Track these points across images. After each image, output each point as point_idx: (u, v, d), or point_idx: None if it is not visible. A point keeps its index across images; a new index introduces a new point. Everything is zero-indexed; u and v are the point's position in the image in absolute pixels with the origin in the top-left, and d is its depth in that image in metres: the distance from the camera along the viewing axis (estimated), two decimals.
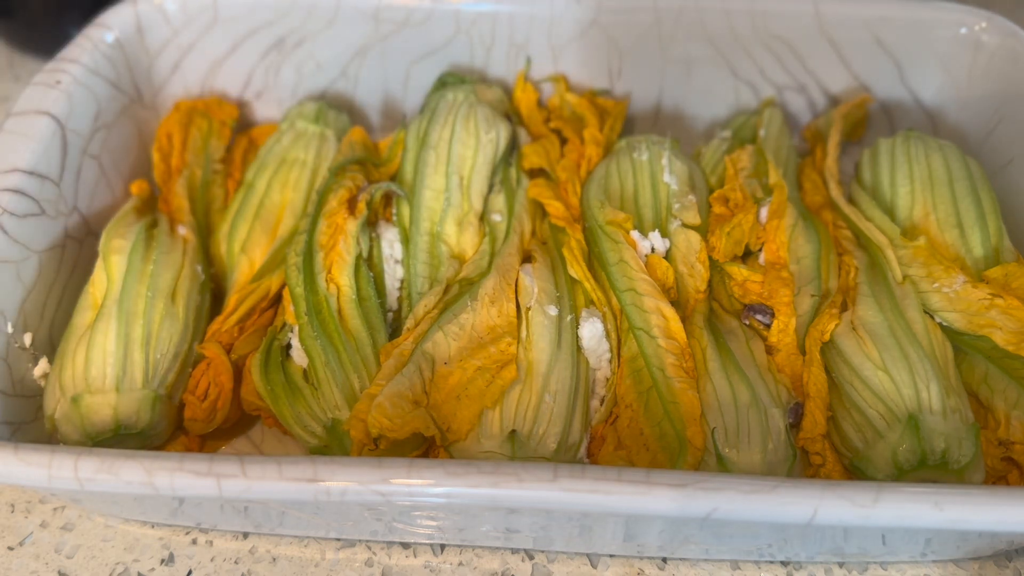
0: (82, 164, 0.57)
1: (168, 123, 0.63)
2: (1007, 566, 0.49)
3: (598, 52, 0.66)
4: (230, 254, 0.57)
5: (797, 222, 0.56)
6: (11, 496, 0.51)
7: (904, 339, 0.49)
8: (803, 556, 0.48)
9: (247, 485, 0.38)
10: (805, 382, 0.49)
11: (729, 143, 0.63)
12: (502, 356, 0.49)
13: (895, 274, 0.53)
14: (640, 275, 0.51)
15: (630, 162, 0.59)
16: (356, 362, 0.49)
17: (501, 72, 0.67)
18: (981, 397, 0.50)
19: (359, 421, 0.45)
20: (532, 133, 0.65)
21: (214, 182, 0.62)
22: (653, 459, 0.46)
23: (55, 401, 0.49)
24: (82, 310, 0.52)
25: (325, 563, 0.49)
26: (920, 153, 0.58)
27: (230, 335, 0.53)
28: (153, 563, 0.49)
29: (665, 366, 0.48)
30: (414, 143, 0.60)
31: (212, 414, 0.50)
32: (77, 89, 0.57)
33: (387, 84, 0.69)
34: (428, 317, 0.51)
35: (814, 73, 0.66)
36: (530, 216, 0.59)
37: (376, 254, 0.56)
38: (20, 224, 0.50)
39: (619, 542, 0.47)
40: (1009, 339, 0.48)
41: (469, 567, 0.48)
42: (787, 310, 0.51)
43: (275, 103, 0.69)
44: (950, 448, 0.45)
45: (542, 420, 0.47)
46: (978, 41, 0.62)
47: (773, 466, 0.45)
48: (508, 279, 0.52)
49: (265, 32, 0.65)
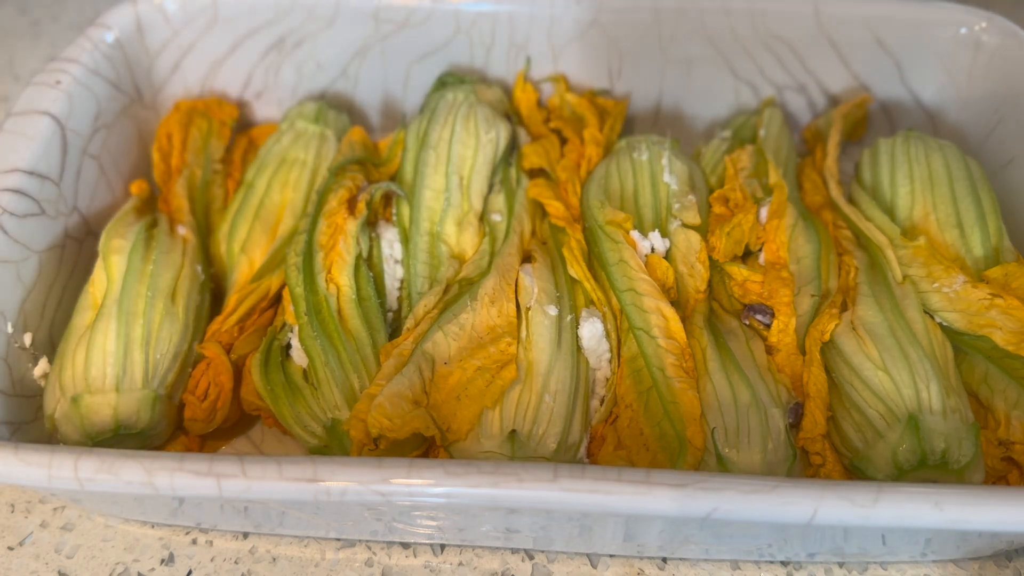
0: (82, 164, 0.57)
1: (168, 123, 0.63)
2: (1007, 566, 0.49)
3: (598, 52, 0.66)
4: (230, 254, 0.57)
5: (797, 222, 0.56)
6: (11, 496, 0.51)
7: (904, 339, 0.49)
8: (803, 556, 0.48)
9: (247, 485, 0.38)
10: (805, 382, 0.49)
11: (729, 143, 0.63)
12: (502, 356, 0.49)
13: (895, 274, 0.53)
14: (640, 275, 0.51)
15: (630, 162, 0.59)
16: (356, 362, 0.49)
17: (501, 72, 0.67)
18: (981, 397, 0.50)
19: (359, 421, 0.45)
20: (532, 133, 0.65)
21: (214, 182, 0.62)
22: (653, 459, 0.46)
23: (55, 401, 0.49)
24: (82, 310, 0.52)
25: (325, 563, 0.49)
26: (920, 153, 0.58)
27: (230, 335, 0.53)
28: (153, 563, 0.49)
29: (665, 366, 0.48)
30: (414, 143, 0.60)
31: (212, 414, 0.50)
32: (77, 89, 0.57)
33: (387, 84, 0.69)
34: (428, 317, 0.51)
35: (814, 73, 0.66)
36: (530, 216, 0.59)
37: (376, 254, 0.56)
38: (20, 224, 0.51)
39: (619, 542, 0.47)
40: (1009, 339, 0.48)
41: (469, 567, 0.48)
42: (787, 310, 0.51)
43: (275, 103, 0.69)
44: (950, 448, 0.45)
45: (542, 420, 0.47)
46: (978, 41, 0.62)
47: (773, 466, 0.45)
48: (508, 279, 0.52)
49: (265, 32, 0.65)
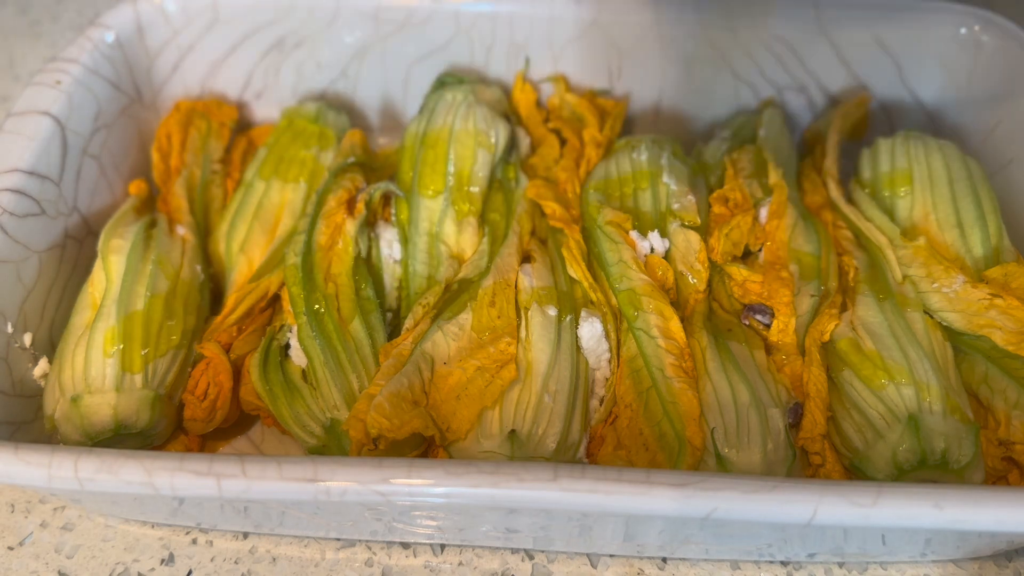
0: (82, 164, 0.57)
1: (168, 123, 0.63)
2: (1007, 566, 0.49)
3: (598, 52, 0.66)
4: (229, 254, 0.57)
5: (797, 222, 0.56)
6: (11, 496, 0.51)
7: (904, 339, 0.49)
8: (803, 556, 0.48)
9: (247, 485, 0.38)
10: (805, 382, 0.49)
11: (729, 143, 0.63)
12: (501, 356, 0.48)
13: (895, 274, 0.53)
14: (639, 275, 0.51)
15: (630, 162, 0.59)
16: (355, 362, 0.49)
17: (501, 72, 0.67)
18: (981, 397, 0.50)
19: (358, 421, 0.45)
20: (531, 133, 0.65)
21: (213, 182, 0.62)
22: (653, 459, 0.46)
23: (55, 401, 0.49)
24: (81, 310, 0.52)
25: (325, 563, 0.49)
26: (920, 153, 0.58)
27: (229, 335, 0.53)
28: (153, 563, 0.49)
29: (664, 366, 0.48)
30: (412, 143, 0.60)
31: (212, 414, 0.50)
32: (77, 89, 0.57)
33: (387, 84, 0.69)
34: (427, 317, 0.51)
35: (814, 73, 0.66)
36: (529, 216, 0.58)
37: (375, 254, 0.56)
38: (20, 224, 0.51)
39: (619, 542, 0.47)
40: (1009, 339, 0.48)
41: (469, 567, 0.48)
42: (787, 310, 0.51)
43: (275, 103, 0.69)
44: (950, 448, 0.45)
45: (541, 420, 0.47)
46: (978, 41, 0.62)
47: (773, 466, 0.45)
48: (507, 279, 0.52)
49: (265, 32, 0.65)
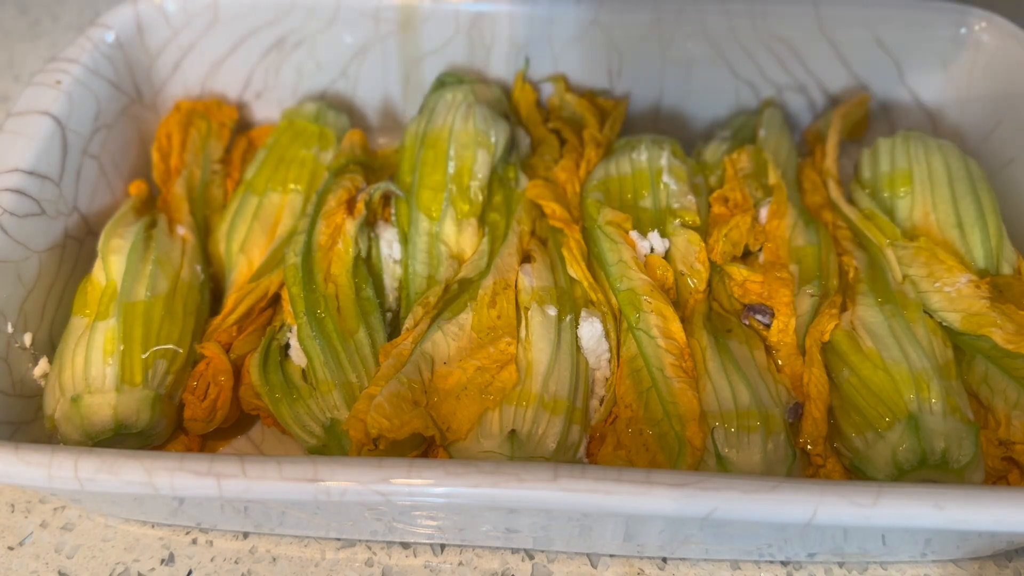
0: (82, 164, 0.57)
1: (168, 123, 0.63)
2: (1007, 566, 0.49)
3: (598, 52, 0.66)
4: (229, 254, 0.57)
5: (797, 222, 0.56)
6: (11, 496, 0.51)
7: (904, 339, 0.49)
8: (803, 556, 0.48)
9: (247, 485, 0.38)
10: (805, 382, 0.49)
11: (729, 143, 0.63)
12: (501, 356, 0.48)
13: (895, 274, 0.53)
14: (639, 275, 0.51)
15: (629, 162, 0.59)
16: (355, 362, 0.49)
17: (501, 72, 0.67)
18: (981, 397, 0.50)
19: (358, 421, 0.45)
20: (531, 133, 0.65)
21: (213, 182, 0.62)
22: (653, 459, 0.46)
23: (55, 401, 0.49)
24: (81, 310, 0.52)
25: (325, 563, 0.49)
26: (920, 153, 0.58)
27: (229, 335, 0.53)
28: (153, 563, 0.49)
29: (664, 366, 0.48)
30: (412, 143, 0.60)
31: (212, 413, 0.50)
32: (77, 89, 0.57)
33: (387, 84, 0.69)
34: (427, 317, 0.51)
35: (814, 73, 0.66)
36: (529, 216, 0.58)
37: (375, 254, 0.56)
38: (20, 224, 0.51)
39: (619, 542, 0.47)
40: (1009, 339, 0.48)
41: (469, 567, 0.48)
42: (787, 310, 0.51)
43: (275, 103, 0.69)
44: (950, 448, 0.45)
45: (541, 420, 0.47)
46: (978, 41, 0.62)
47: (773, 466, 0.45)
48: (507, 279, 0.52)
49: (265, 32, 0.65)
